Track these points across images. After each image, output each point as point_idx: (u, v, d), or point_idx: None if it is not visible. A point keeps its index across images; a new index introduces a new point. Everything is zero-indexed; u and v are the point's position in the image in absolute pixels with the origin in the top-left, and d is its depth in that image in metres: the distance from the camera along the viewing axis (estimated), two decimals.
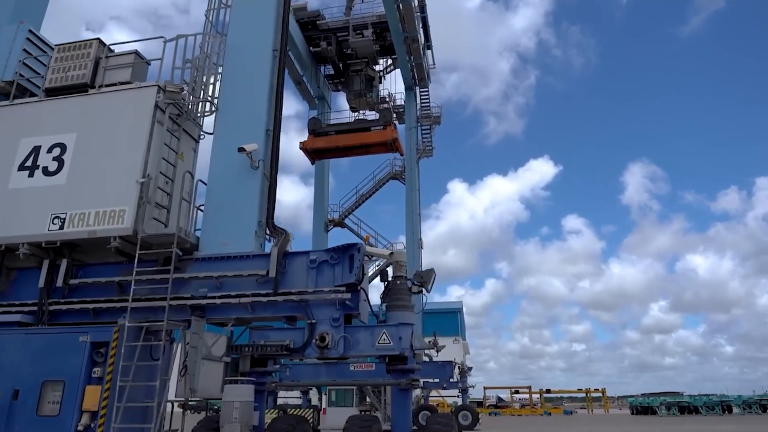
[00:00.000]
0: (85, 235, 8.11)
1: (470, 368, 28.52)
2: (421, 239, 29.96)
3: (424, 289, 7.44)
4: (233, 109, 8.97)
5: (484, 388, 56.88)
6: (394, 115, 33.52)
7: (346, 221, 31.83)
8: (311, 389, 29.37)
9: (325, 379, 29.28)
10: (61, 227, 8.25)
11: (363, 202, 31.70)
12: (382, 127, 28.36)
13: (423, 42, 30.46)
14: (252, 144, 8.27)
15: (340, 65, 32.38)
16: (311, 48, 30.46)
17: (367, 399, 27.77)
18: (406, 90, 32.50)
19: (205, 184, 8.73)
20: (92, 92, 9.13)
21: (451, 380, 27.32)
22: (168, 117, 8.74)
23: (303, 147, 28.76)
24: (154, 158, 8.40)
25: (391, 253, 7.28)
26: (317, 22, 30.04)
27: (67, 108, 9.11)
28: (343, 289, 7.27)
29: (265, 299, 7.50)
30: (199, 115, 9.58)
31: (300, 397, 30.04)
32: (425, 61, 31.26)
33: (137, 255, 7.77)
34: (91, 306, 8.10)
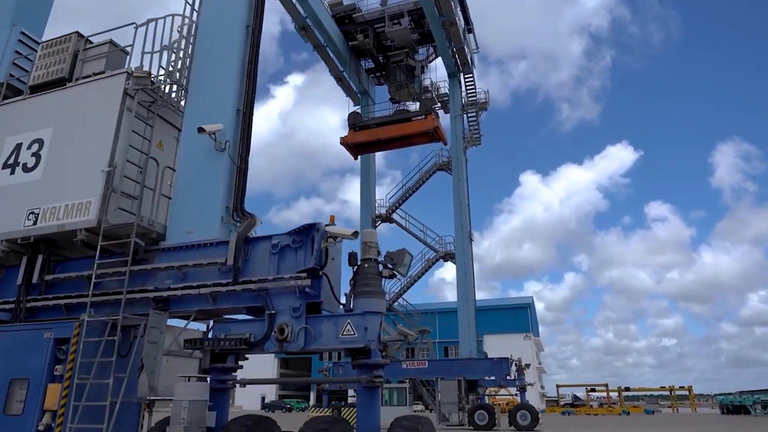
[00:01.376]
0: (55, 229, 7.90)
1: (527, 365, 26.87)
2: (471, 232, 28.65)
3: (397, 273, 6.51)
4: (203, 90, 8.48)
5: (557, 386, 54.10)
6: (439, 104, 32.45)
7: (394, 216, 31.09)
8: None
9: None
10: (35, 222, 8.10)
11: (410, 195, 30.85)
12: (423, 116, 27.36)
13: (463, 26, 29.15)
14: (215, 124, 7.72)
15: (380, 58, 31.74)
16: (349, 42, 30.00)
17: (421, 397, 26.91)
18: (449, 77, 31.32)
19: (174, 170, 8.29)
20: (69, 86, 8.97)
21: (508, 378, 25.85)
22: (137, 103, 8.38)
23: (344, 142, 28.33)
24: (122, 147, 8.06)
25: (355, 232, 6.40)
26: (353, 15, 29.54)
27: (45, 103, 9.01)
28: (304, 275, 6.53)
29: (224, 289, 6.92)
30: (182, 102, 9.20)
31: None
32: (467, 45, 29.93)
33: (99, 247, 7.43)
34: (62, 302, 7.87)
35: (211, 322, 7.43)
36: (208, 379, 6.60)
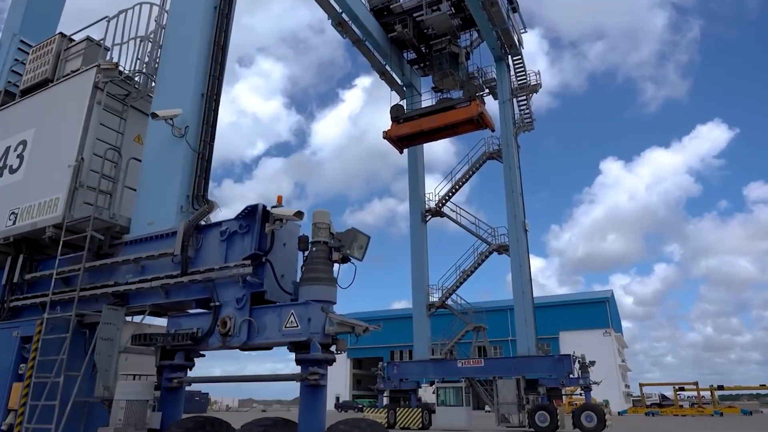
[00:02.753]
0: (29, 227, 7.85)
1: (593, 362, 24.91)
2: (525, 222, 27.08)
3: (351, 258, 5.77)
4: (168, 75, 8.14)
5: (641, 385, 50.34)
6: (487, 90, 31.09)
7: (444, 209, 30.06)
8: (420, 387, 28.13)
9: (433, 377, 28.02)
10: (14, 222, 8.11)
11: (459, 187, 29.69)
12: (467, 103, 26.21)
13: (506, 5, 27.65)
14: (172, 109, 7.33)
15: (423, 48, 30.89)
16: (389, 35, 29.39)
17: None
18: (495, 61, 29.87)
19: (140, 161, 8.00)
20: (50, 86, 8.97)
21: (571, 376, 24.11)
22: (107, 95, 8.18)
23: (387, 136, 27.74)
24: (91, 141, 7.88)
25: (298, 212, 5.74)
26: (391, 6, 28.90)
27: (30, 105, 9.09)
28: (248, 262, 5.94)
29: (173, 281, 6.48)
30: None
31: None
32: (512, 25, 28.35)
33: (61, 243, 7.26)
34: (39, 300, 7.79)
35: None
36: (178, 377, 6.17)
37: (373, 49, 29.47)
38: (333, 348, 5.60)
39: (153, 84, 8.83)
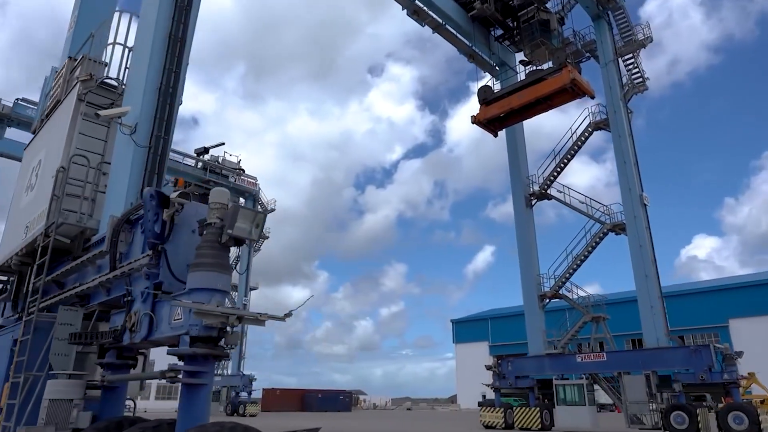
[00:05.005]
0: (32, 239, 8.40)
1: (740, 353, 20.80)
2: (643, 195, 23.72)
3: (244, 239, 5.14)
4: (131, 75, 8.20)
5: None
6: (587, 55, 27.96)
7: (551, 191, 27.54)
8: (538, 385, 25.93)
9: (550, 373, 25.62)
10: (26, 235, 8.76)
11: (565, 165, 26.97)
12: (558, 72, 23.73)
13: None
14: (119, 108, 7.32)
15: (510, 21, 28.75)
16: (469, 14, 27.83)
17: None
18: (593, 21, 26.73)
19: (109, 163, 8.13)
20: (58, 106, 9.62)
21: (712, 371, 20.40)
22: (88, 105, 8.50)
23: (475, 121, 26.20)
24: (72, 151, 8.23)
25: (182, 193, 5.25)
26: None
27: (45, 127, 9.83)
28: (150, 252, 5.59)
29: (103, 278, 6.37)
30: None
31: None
32: None
33: (39, 250, 7.61)
34: (42, 305, 8.27)
35: None
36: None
37: (455, 32, 28.12)
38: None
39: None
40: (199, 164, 44.03)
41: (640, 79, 26.07)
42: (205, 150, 36.87)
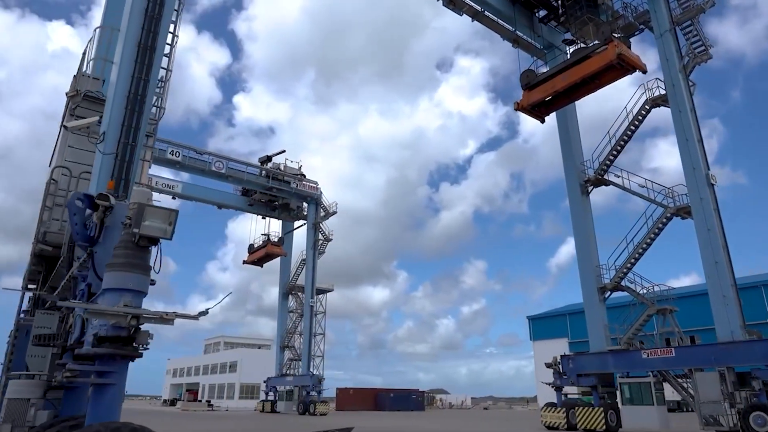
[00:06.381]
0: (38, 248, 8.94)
1: None
2: (710, 174, 21.69)
3: (155, 237, 5.12)
4: (109, 86, 8.48)
5: None
6: (641, 27, 26.05)
7: (608, 176, 25.87)
8: (597, 385, 24.37)
9: (613, 371, 23.93)
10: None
11: (622, 147, 25.23)
12: (604, 47, 22.21)
13: None
14: (87, 119, 7.59)
15: (553, 0, 27.36)
16: None
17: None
18: None
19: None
20: None
21: None
22: (75, 118, 8.91)
23: (519, 107, 25.10)
24: (60, 163, 8.68)
25: (100, 195, 5.33)
26: None
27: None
28: (85, 255, 5.71)
29: (63, 282, 6.61)
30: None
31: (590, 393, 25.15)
32: None
33: (32, 254, 8.06)
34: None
35: None
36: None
37: (496, 18, 27.13)
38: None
39: None
40: (263, 172, 45.51)
41: (702, 48, 23.76)
42: (268, 158, 38.78)
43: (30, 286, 11.18)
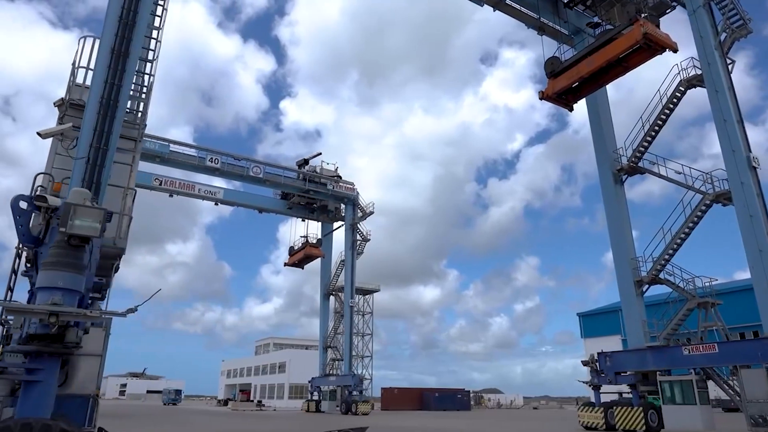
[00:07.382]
0: None
1: None
2: (751, 156, 20.30)
3: (86, 235, 5.18)
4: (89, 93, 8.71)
5: None
6: (673, 4, 24.71)
7: (642, 164, 24.68)
8: (636, 383, 23.20)
9: (653, 368, 22.70)
10: None
11: (657, 132, 24.00)
12: (629, 27, 21.19)
13: None
14: (60, 126, 7.82)
15: None
16: None
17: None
18: None
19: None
20: None
21: None
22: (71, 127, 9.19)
23: (544, 96, 24.32)
24: (48, 170, 8.97)
25: (37, 196, 5.46)
26: None
27: None
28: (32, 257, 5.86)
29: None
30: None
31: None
32: None
33: (24, 261, 8.37)
34: None
35: None
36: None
37: (518, 6, 26.41)
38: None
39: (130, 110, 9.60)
40: (300, 176, 46.13)
41: (740, 22, 22.22)
42: (305, 161, 39.31)
43: None
